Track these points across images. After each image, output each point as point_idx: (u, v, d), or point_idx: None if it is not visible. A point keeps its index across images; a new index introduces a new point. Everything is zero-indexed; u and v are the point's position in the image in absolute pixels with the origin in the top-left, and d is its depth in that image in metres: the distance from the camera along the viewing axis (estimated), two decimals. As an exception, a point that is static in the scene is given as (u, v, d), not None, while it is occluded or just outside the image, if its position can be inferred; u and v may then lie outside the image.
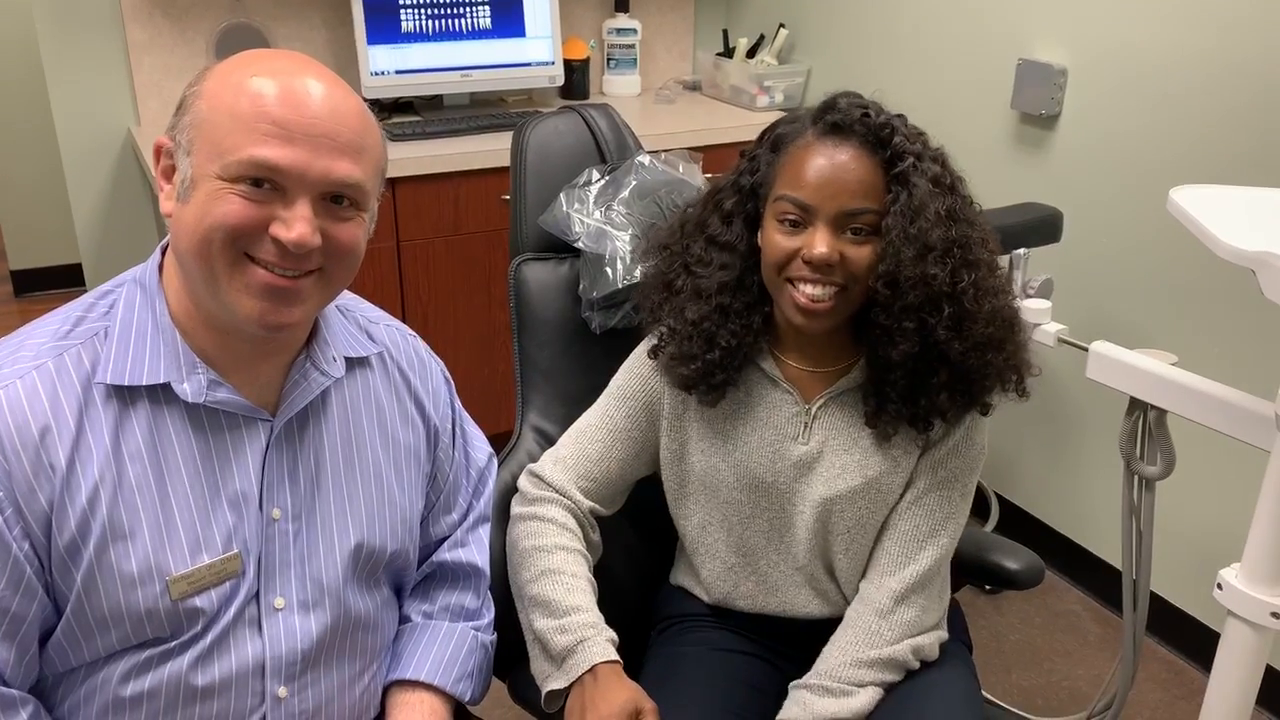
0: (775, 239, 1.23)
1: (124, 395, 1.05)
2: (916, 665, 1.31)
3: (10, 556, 1.00)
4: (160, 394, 1.06)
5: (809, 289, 1.21)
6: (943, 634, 1.35)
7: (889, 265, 1.18)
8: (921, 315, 1.20)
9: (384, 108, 2.98)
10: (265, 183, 0.99)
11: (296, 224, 1.00)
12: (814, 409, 1.32)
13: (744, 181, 1.30)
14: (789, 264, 1.22)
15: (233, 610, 1.09)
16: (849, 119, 1.21)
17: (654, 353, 1.36)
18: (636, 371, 1.39)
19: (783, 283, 1.23)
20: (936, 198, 1.20)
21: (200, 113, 1.00)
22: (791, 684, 1.31)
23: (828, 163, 1.20)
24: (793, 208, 1.21)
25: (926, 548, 1.31)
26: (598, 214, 1.56)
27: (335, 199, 1.04)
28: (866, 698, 1.26)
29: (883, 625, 1.30)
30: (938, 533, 1.32)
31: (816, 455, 1.32)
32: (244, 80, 1.00)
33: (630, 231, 1.55)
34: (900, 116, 1.25)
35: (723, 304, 1.29)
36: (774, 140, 1.28)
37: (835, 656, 1.29)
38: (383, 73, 2.89)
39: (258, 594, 1.11)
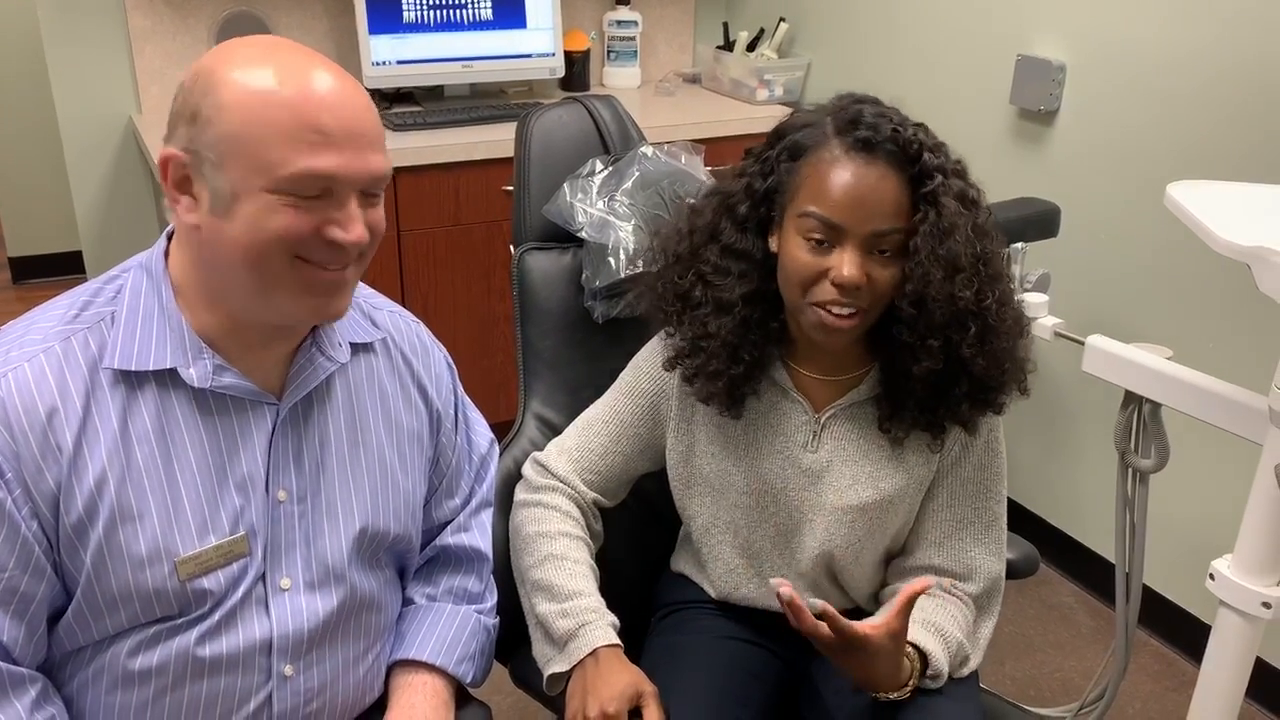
0: (801, 256, 1.20)
1: (132, 380, 1.06)
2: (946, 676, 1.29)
3: (19, 536, 1.01)
4: (168, 379, 1.07)
5: (835, 309, 1.19)
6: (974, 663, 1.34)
7: (917, 285, 1.17)
8: (947, 334, 1.19)
9: (385, 97, 2.99)
10: (317, 190, 1.01)
11: (353, 225, 1.03)
12: (823, 419, 1.32)
13: (756, 186, 1.26)
14: (815, 284, 1.19)
15: (240, 591, 1.11)
16: (879, 135, 1.17)
17: (670, 364, 1.34)
18: (645, 370, 1.39)
19: (806, 304, 1.21)
20: (964, 216, 1.18)
21: (229, 125, 0.99)
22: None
23: (857, 182, 1.16)
24: (820, 226, 1.18)
25: (981, 562, 1.33)
26: (601, 204, 1.57)
27: (368, 189, 1.06)
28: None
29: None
30: (984, 543, 1.33)
31: (826, 465, 1.32)
32: (270, 88, 0.99)
33: (633, 222, 1.56)
34: (922, 126, 1.21)
35: (745, 316, 1.26)
36: (791, 147, 1.22)
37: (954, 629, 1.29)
38: (384, 63, 2.89)
39: (264, 575, 1.13)
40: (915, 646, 1.25)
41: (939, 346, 1.19)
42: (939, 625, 1.28)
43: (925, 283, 1.17)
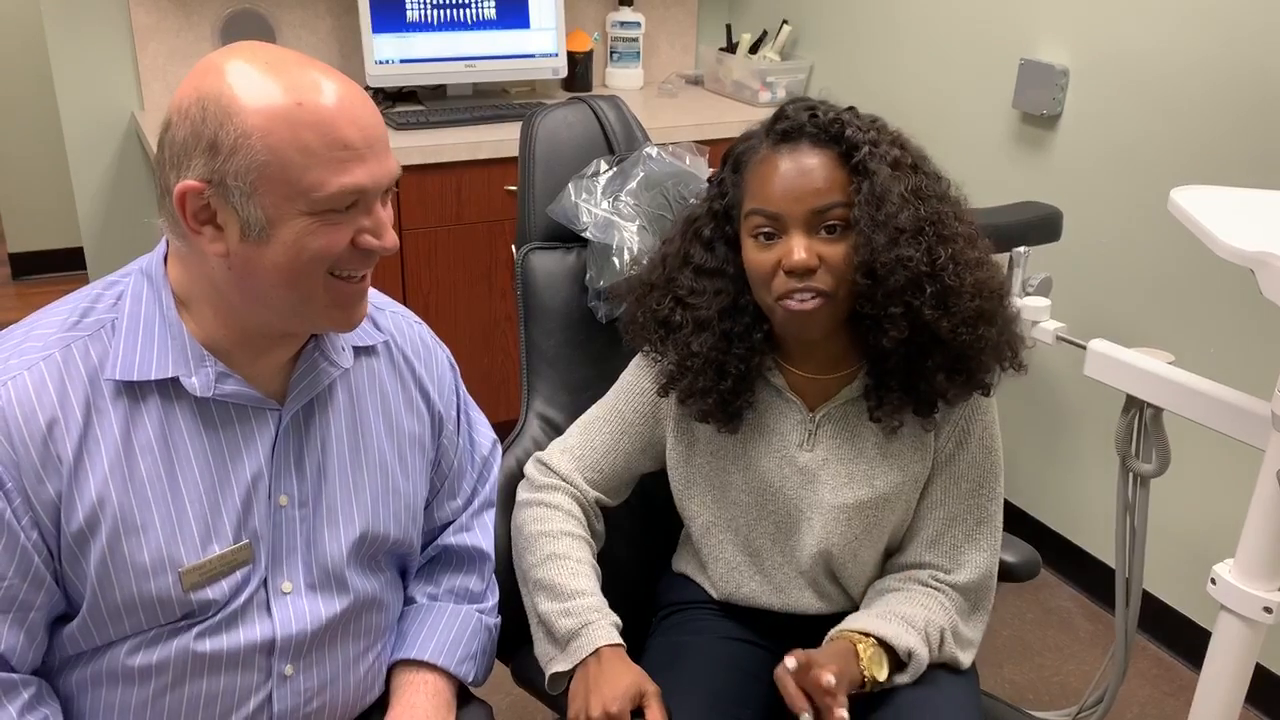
0: (754, 255, 1.23)
1: (134, 391, 1.05)
2: (939, 657, 1.31)
3: (19, 546, 1.01)
4: (170, 388, 1.07)
5: (797, 295, 1.21)
6: (965, 662, 1.34)
7: (864, 255, 1.19)
8: (905, 299, 1.20)
9: (388, 96, 2.99)
10: (349, 203, 1.01)
11: (385, 232, 1.05)
12: (818, 417, 1.33)
13: (716, 206, 1.31)
14: (773, 278, 1.22)
15: (243, 597, 1.11)
16: (798, 122, 1.22)
17: (664, 391, 1.35)
18: (645, 369, 1.39)
19: (772, 300, 1.23)
20: (898, 180, 1.20)
21: (258, 154, 0.97)
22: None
23: (787, 168, 1.20)
24: (764, 220, 1.22)
25: (969, 557, 1.34)
26: (605, 204, 1.57)
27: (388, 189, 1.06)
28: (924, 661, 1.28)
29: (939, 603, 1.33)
30: (975, 539, 1.34)
31: (821, 464, 1.33)
32: (289, 109, 0.98)
33: (637, 222, 1.57)
34: (850, 109, 1.25)
35: (725, 330, 1.29)
36: (734, 161, 1.28)
37: (921, 615, 1.30)
38: (387, 61, 2.90)
39: (266, 579, 1.13)
40: (872, 637, 1.26)
41: (901, 314, 1.20)
42: (900, 613, 1.29)
43: (871, 250, 1.19)
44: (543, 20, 3.06)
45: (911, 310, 1.20)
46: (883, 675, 1.25)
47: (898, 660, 1.27)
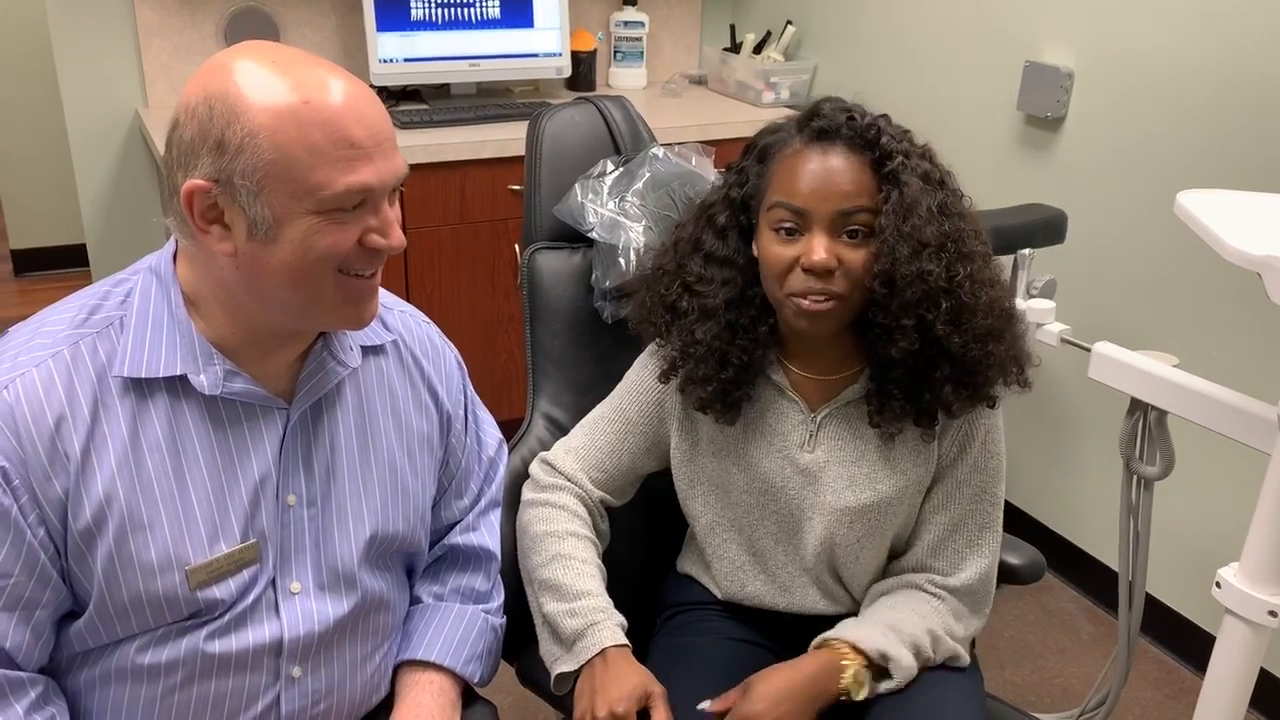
0: (773, 248, 1.23)
1: (142, 388, 1.05)
2: (936, 658, 1.31)
3: (25, 543, 1.01)
4: (178, 385, 1.07)
5: (811, 295, 1.21)
6: (966, 657, 1.35)
7: (885, 264, 1.19)
8: (920, 312, 1.20)
9: (392, 95, 2.99)
10: (357, 202, 1.01)
11: (392, 230, 1.05)
12: (819, 418, 1.33)
13: (734, 195, 1.30)
14: (789, 274, 1.22)
15: (251, 597, 1.11)
16: (835, 123, 1.22)
17: (665, 378, 1.35)
18: (650, 368, 1.39)
19: (784, 295, 1.23)
20: (927, 194, 1.21)
21: (264, 153, 0.97)
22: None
23: (818, 166, 1.20)
24: (788, 214, 1.21)
25: (969, 561, 1.34)
26: (612, 204, 1.57)
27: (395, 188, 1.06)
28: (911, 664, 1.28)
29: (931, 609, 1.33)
30: (977, 545, 1.34)
31: (823, 465, 1.33)
32: (295, 108, 0.97)
33: (643, 223, 1.57)
34: (884, 116, 1.25)
35: (731, 320, 1.29)
36: (760, 151, 1.28)
37: (910, 624, 1.30)
38: (391, 60, 2.90)
39: (274, 579, 1.13)
40: (857, 650, 1.26)
41: (913, 326, 1.21)
42: (889, 621, 1.29)
43: (893, 260, 1.19)
44: (547, 20, 3.06)
45: (924, 324, 1.20)
46: (861, 694, 1.26)
47: (881, 668, 1.27)
